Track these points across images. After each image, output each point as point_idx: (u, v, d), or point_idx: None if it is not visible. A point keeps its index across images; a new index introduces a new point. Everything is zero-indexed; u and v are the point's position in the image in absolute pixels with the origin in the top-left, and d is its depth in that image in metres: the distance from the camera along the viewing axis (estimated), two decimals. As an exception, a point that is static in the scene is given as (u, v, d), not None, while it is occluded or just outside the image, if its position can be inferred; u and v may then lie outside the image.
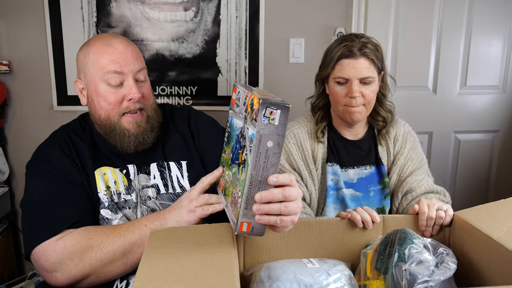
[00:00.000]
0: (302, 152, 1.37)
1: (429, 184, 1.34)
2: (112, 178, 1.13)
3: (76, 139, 1.16)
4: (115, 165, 1.15)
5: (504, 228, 0.87)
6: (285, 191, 0.76)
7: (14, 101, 2.19)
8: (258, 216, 0.76)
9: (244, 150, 0.77)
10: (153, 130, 1.17)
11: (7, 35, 2.12)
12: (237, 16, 2.16)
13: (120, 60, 1.09)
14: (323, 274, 0.85)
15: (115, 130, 1.13)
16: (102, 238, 0.99)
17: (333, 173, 1.36)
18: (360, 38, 1.30)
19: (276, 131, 0.71)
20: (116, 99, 1.10)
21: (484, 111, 2.35)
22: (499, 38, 2.26)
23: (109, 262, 0.98)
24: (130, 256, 0.99)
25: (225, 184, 0.90)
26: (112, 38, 1.13)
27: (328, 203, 1.36)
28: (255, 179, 0.74)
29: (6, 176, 2.17)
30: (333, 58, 1.30)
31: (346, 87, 1.29)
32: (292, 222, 0.80)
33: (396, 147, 1.40)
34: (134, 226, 1.00)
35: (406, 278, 0.79)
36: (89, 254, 0.97)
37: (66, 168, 1.10)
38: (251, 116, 0.74)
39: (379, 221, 0.99)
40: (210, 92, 2.23)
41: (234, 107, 0.90)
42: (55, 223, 1.01)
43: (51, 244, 0.98)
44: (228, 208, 0.84)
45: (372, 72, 1.28)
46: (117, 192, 1.12)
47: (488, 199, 2.44)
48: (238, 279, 0.74)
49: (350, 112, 1.31)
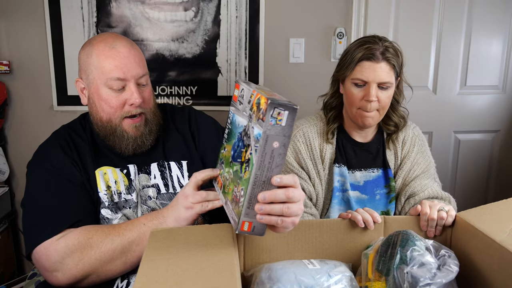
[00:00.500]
0: (311, 151, 1.36)
1: (434, 189, 1.32)
2: (113, 178, 1.13)
3: (77, 139, 1.17)
4: (115, 165, 1.16)
5: (507, 230, 0.87)
6: (288, 192, 0.75)
7: (14, 101, 2.18)
8: (260, 216, 0.75)
9: (249, 149, 0.76)
10: (151, 133, 1.17)
11: (7, 35, 2.12)
12: (237, 16, 2.15)
13: (124, 66, 1.09)
14: (324, 275, 0.85)
15: (115, 132, 1.13)
16: (102, 237, 0.99)
17: (340, 175, 1.35)
18: (383, 41, 1.28)
19: (282, 132, 0.71)
20: (118, 103, 1.11)
21: (484, 111, 2.35)
22: (499, 38, 2.26)
23: (109, 261, 0.98)
24: (129, 255, 0.99)
25: (224, 182, 0.90)
26: (116, 40, 1.12)
27: (333, 204, 1.35)
28: (259, 179, 0.74)
29: (6, 176, 2.17)
30: (354, 59, 1.27)
31: (363, 89, 1.27)
32: (293, 224, 0.80)
33: (404, 151, 1.39)
34: (133, 225, 1.01)
35: (408, 280, 0.79)
36: (89, 253, 0.97)
37: (67, 167, 1.10)
38: (257, 115, 0.74)
39: (380, 221, 0.99)
40: (210, 92, 2.23)
41: (236, 104, 0.90)
42: (56, 223, 1.01)
43: (52, 243, 0.99)
44: (228, 206, 0.84)
45: (391, 78, 1.26)
46: (117, 192, 1.13)
47: (488, 199, 2.45)
48: (240, 280, 0.74)
49: (363, 116, 1.29)
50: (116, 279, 1.07)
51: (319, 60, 2.20)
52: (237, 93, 0.91)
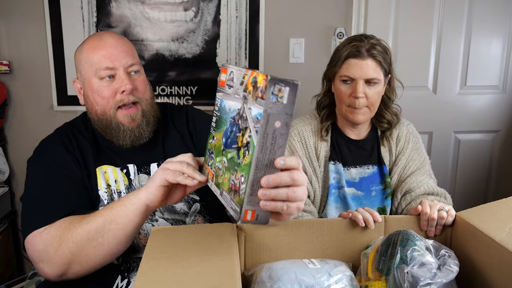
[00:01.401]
0: (306, 150, 1.38)
1: (429, 185, 1.34)
2: (113, 177, 1.13)
3: (79, 138, 1.17)
4: (116, 164, 1.16)
5: (507, 229, 0.87)
6: (293, 174, 0.70)
7: (14, 101, 2.18)
8: (264, 202, 0.70)
9: (246, 132, 0.71)
10: (149, 124, 1.16)
11: (7, 35, 2.12)
12: (237, 16, 2.16)
13: (111, 55, 1.09)
14: (325, 274, 0.85)
15: (111, 124, 1.12)
16: (80, 220, 0.97)
17: (335, 172, 1.37)
18: (369, 39, 1.31)
19: (284, 110, 0.66)
20: (109, 92, 1.10)
21: (484, 111, 2.35)
22: (499, 38, 2.26)
23: (86, 242, 0.95)
24: (105, 235, 0.95)
25: (216, 172, 0.84)
26: (105, 33, 1.14)
27: (330, 201, 1.36)
28: (261, 163, 0.68)
29: (6, 176, 2.17)
30: (341, 57, 1.31)
31: (351, 86, 1.30)
32: (298, 209, 0.74)
33: (398, 147, 1.41)
34: (110, 205, 0.97)
35: (408, 280, 0.79)
36: (66, 236, 0.95)
37: (66, 163, 1.10)
38: (254, 94, 0.69)
39: (380, 220, 0.99)
40: (210, 92, 2.23)
41: (224, 89, 0.84)
42: (46, 213, 1.01)
43: (38, 233, 0.98)
44: (225, 197, 0.78)
45: (378, 74, 1.29)
46: (117, 191, 1.13)
47: (488, 199, 2.45)
48: (240, 280, 0.74)
49: (352, 113, 1.32)
50: (115, 278, 1.06)
51: (319, 60, 2.20)
52: (224, 78, 0.85)
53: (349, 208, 1.35)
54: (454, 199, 1.34)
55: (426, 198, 1.29)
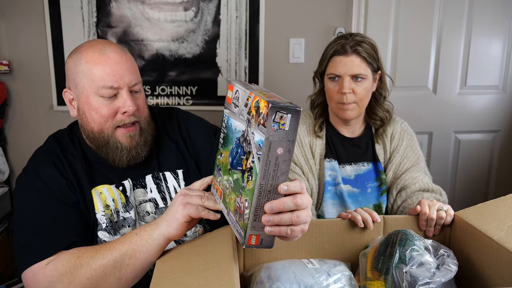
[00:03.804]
0: (302, 148, 1.40)
1: (425, 182, 1.35)
2: (110, 196, 1.07)
3: (68, 157, 1.08)
4: (110, 181, 1.09)
5: (505, 228, 0.87)
6: (296, 199, 0.70)
7: (14, 101, 2.19)
8: (268, 228, 0.70)
9: (250, 157, 0.71)
10: (146, 143, 1.10)
11: (7, 35, 2.12)
12: (237, 16, 2.16)
13: (116, 73, 1.02)
14: (324, 274, 0.85)
15: (108, 143, 1.06)
16: (92, 254, 0.92)
17: (331, 169, 1.38)
18: (354, 36, 1.33)
19: (286, 137, 0.66)
20: (110, 111, 1.03)
21: (484, 111, 2.35)
22: (499, 38, 2.26)
23: (101, 279, 0.91)
24: (122, 270, 0.92)
25: (223, 190, 0.84)
26: (105, 45, 1.05)
27: (326, 198, 1.37)
28: (264, 189, 0.69)
29: (6, 176, 2.17)
30: (327, 55, 1.35)
31: (338, 83, 1.33)
32: (302, 232, 0.74)
33: (393, 145, 1.42)
34: (125, 237, 0.94)
35: (406, 280, 0.79)
36: (79, 273, 0.90)
37: (61, 188, 1.03)
38: (257, 120, 0.69)
39: (379, 221, 0.99)
40: (210, 92, 2.23)
41: (231, 107, 0.84)
42: (46, 246, 0.95)
43: (40, 268, 0.92)
44: (231, 217, 0.78)
45: (363, 70, 1.31)
46: (116, 211, 1.07)
47: (488, 199, 2.42)
48: (238, 279, 0.74)
49: (342, 109, 1.34)
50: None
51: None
52: (230, 95, 0.85)
53: (346, 204, 1.37)
54: (454, 199, 1.34)
55: (422, 195, 1.30)
